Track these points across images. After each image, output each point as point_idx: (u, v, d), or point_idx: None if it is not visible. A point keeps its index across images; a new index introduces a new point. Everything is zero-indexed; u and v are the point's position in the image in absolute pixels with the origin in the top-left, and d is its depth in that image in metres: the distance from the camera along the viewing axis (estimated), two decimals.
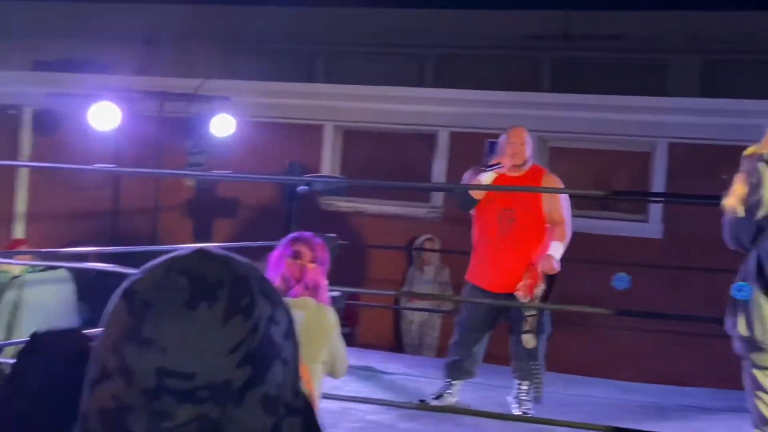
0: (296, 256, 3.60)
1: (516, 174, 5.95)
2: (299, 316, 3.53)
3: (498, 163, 5.88)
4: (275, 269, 3.60)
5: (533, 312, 5.77)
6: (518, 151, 5.90)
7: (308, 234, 3.81)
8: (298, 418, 1.02)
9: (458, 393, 6.13)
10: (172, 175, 10.99)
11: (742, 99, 9.07)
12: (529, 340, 5.79)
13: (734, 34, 10.67)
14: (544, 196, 5.91)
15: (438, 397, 6.06)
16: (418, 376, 7.16)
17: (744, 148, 3.47)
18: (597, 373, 7.85)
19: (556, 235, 5.89)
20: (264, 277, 1.06)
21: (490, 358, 6.38)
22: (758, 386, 3.44)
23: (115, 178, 11.09)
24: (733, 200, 3.43)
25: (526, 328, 5.78)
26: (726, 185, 3.48)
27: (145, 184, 10.98)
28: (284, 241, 3.68)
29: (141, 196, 10.96)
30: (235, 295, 1.00)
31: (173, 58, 11.89)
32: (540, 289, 5.78)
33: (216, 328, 0.97)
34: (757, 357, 3.41)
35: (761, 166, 3.33)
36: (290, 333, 1.06)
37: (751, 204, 3.37)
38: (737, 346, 3.50)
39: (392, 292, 10.26)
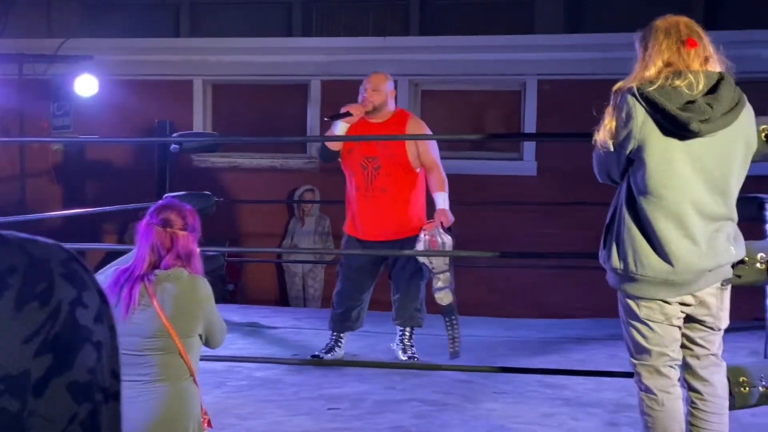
0: (165, 224, 3.42)
1: (378, 120, 5.83)
2: (171, 289, 3.39)
3: (347, 112, 5.71)
4: (144, 239, 3.43)
5: (445, 269, 5.67)
6: (367, 98, 5.77)
7: (176, 201, 3.66)
8: (119, 403, 0.97)
9: (345, 344, 6.10)
10: (38, 143, 10.64)
11: (607, 33, 9.21)
12: (443, 297, 5.69)
13: None
14: (411, 142, 5.79)
15: (329, 350, 5.99)
16: (305, 328, 7.16)
17: (611, 81, 3.50)
18: (481, 312, 7.95)
19: (437, 186, 5.77)
20: (71, 259, 0.99)
21: (371, 304, 6.36)
22: (632, 315, 3.50)
23: None
24: (603, 134, 3.46)
25: (439, 285, 5.68)
26: (596, 120, 3.50)
27: (9, 150, 10.59)
28: (152, 209, 3.50)
29: (6, 163, 10.57)
30: (29, 281, 0.92)
31: (31, 18, 11.41)
32: (447, 244, 5.68)
33: (6, 318, 0.90)
34: (630, 287, 3.46)
35: (630, 98, 3.36)
36: (102, 316, 0.99)
37: (622, 138, 3.40)
38: (610, 278, 3.55)
39: (269, 249, 10.17)
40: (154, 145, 7.85)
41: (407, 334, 5.96)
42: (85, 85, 9.82)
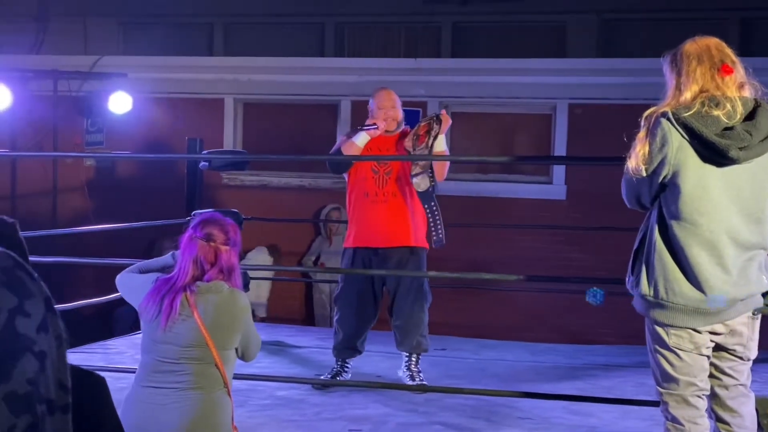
0: (209, 238, 3.48)
1: (392, 134, 5.89)
2: (212, 301, 3.43)
3: (373, 124, 5.78)
4: (187, 252, 3.48)
5: (423, 151, 5.65)
6: (392, 115, 5.84)
7: (219, 215, 3.71)
8: (67, 416, 0.92)
9: (351, 369, 5.99)
10: (71, 157, 10.74)
11: (640, 58, 9.17)
12: (420, 182, 5.68)
13: None
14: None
15: (335, 376, 5.92)
16: (330, 348, 7.10)
17: (643, 106, 3.46)
18: (507, 336, 7.90)
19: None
20: (15, 266, 0.94)
21: None
22: (661, 343, 3.45)
23: (11, 161, 10.78)
24: (636, 160, 3.41)
25: (416, 170, 5.66)
26: (627, 145, 3.46)
27: (42, 165, 10.69)
28: (195, 222, 3.55)
29: (39, 178, 10.67)
30: None
31: (67, 35, 11.54)
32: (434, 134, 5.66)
33: None
34: (658, 314, 3.41)
35: (665, 123, 3.31)
36: (47, 325, 0.94)
37: (656, 163, 3.35)
38: (637, 304, 3.50)
39: (296, 268, 10.16)
40: (184, 162, 7.88)
41: (413, 359, 5.87)
42: (119, 103, 9.91)
